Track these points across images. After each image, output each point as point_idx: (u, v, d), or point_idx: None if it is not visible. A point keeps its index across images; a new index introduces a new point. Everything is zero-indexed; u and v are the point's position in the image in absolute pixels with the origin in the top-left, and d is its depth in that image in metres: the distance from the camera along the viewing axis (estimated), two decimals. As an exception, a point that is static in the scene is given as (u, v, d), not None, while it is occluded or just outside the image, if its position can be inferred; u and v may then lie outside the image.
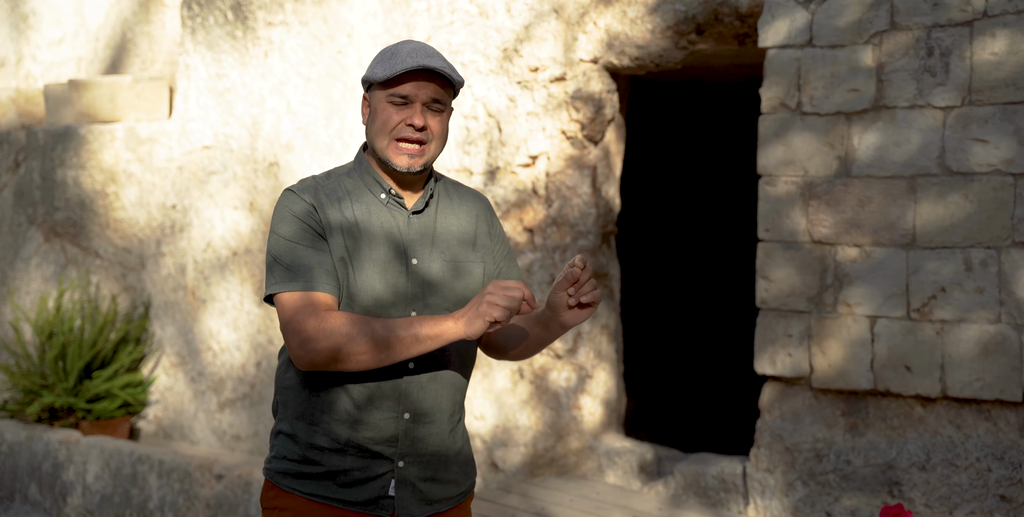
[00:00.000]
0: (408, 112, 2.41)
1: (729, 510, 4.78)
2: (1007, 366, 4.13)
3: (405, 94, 2.40)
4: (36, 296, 7.24)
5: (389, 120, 2.41)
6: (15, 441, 6.56)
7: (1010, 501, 4.18)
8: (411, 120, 2.40)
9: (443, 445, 2.48)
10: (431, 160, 2.45)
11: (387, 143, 2.42)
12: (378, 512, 2.42)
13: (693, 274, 8.47)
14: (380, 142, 2.43)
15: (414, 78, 2.40)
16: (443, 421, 2.47)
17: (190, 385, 6.68)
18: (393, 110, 2.41)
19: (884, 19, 4.36)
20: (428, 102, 2.41)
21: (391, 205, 2.47)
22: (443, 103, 2.43)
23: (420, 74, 2.40)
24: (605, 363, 5.40)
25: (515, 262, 2.65)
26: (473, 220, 2.56)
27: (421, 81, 2.40)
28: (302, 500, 2.43)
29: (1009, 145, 4.12)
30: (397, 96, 2.41)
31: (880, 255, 4.38)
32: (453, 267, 2.47)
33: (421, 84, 2.40)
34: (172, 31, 7.65)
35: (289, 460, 2.46)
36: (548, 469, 5.34)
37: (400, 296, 2.42)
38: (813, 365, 4.53)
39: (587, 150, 5.34)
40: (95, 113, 7.08)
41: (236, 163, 6.44)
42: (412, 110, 2.41)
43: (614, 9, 5.14)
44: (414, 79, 2.40)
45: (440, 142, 2.46)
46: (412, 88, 2.40)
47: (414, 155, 2.42)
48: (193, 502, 5.70)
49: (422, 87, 2.40)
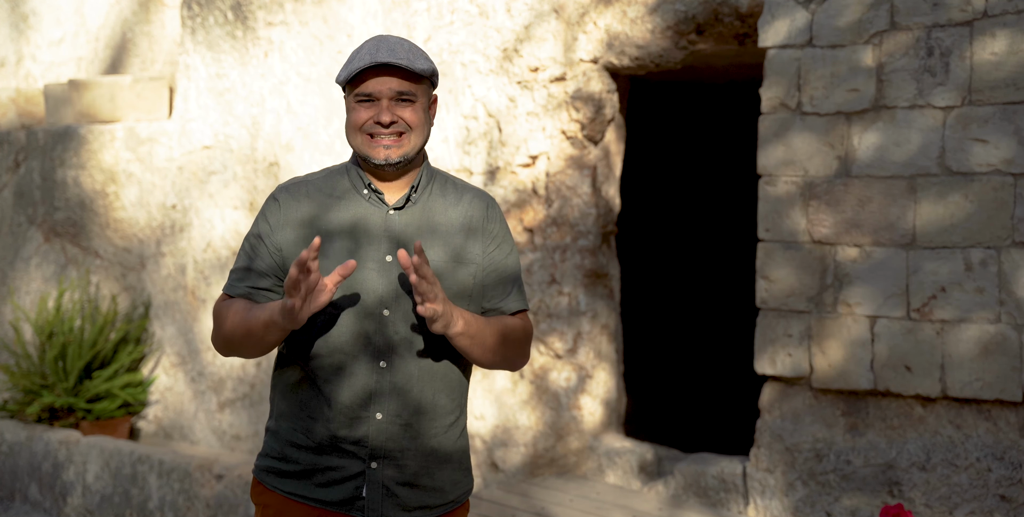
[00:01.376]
0: (375, 110, 2.40)
1: (729, 510, 4.78)
2: (1007, 366, 4.13)
3: (368, 92, 2.39)
4: (36, 296, 7.24)
5: (358, 119, 2.41)
6: (15, 441, 6.56)
7: (1010, 501, 4.18)
8: (378, 118, 2.39)
9: (426, 449, 2.43)
10: (411, 151, 2.42)
11: (360, 139, 2.42)
12: (353, 513, 2.41)
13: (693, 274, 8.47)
14: (354, 140, 2.43)
15: (374, 74, 2.38)
16: (425, 424, 2.42)
17: (190, 385, 6.68)
18: (361, 109, 2.41)
19: (884, 19, 4.36)
20: (393, 97, 2.39)
21: (372, 201, 2.45)
22: (412, 94, 2.40)
23: (379, 70, 2.38)
24: (605, 363, 5.40)
25: (513, 258, 2.55)
26: (468, 213, 2.49)
27: (382, 76, 2.38)
28: (282, 498, 2.44)
29: (1009, 145, 4.12)
30: (362, 95, 2.40)
31: (880, 255, 4.38)
32: (443, 262, 2.43)
33: (382, 79, 2.38)
34: (172, 31, 7.65)
35: (271, 457, 2.47)
36: (548, 469, 5.34)
37: (369, 293, 2.39)
38: (813, 365, 4.53)
39: (587, 150, 5.34)
40: (95, 113, 7.08)
41: (236, 163, 6.44)
42: (379, 107, 2.39)
43: (614, 9, 5.14)
44: (374, 75, 2.38)
45: (420, 132, 2.42)
46: (373, 85, 2.38)
47: (390, 146, 2.39)
48: (193, 502, 5.70)
49: (383, 82, 2.38)
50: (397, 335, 2.40)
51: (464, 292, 2.45)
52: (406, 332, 2.40)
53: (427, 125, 2.45)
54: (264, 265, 2.44)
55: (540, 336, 5.36)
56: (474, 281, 2.47)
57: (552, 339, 5.34)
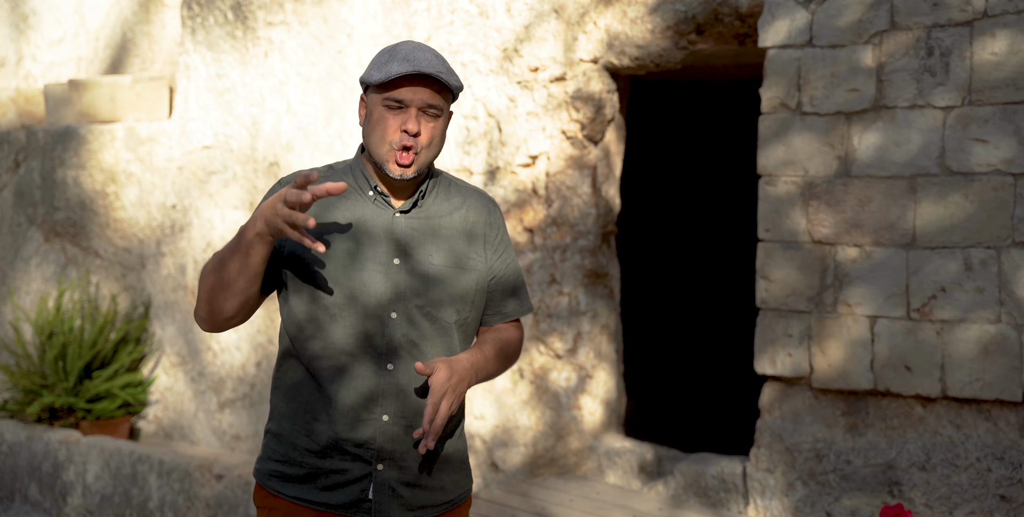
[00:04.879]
0: (404, 117, 2.38)
1: (729, 510, 4.78)
2: (1007, 366, 4.14)
3: (400, 99, 2.37)
4: (36, 296, 7.24)
5: (388, 128, 2.38)
6: (15, 441, 6.56)
7: (1010, 501, 4.18)
8: (406, 125, 2.37)
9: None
10: (422, 167, 2.41)
11: (386, 148, 2.40)
12: (359, 515, 2.41)
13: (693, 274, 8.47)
14: (379, 148, 2.41)
15: (409, 82, 2.37)
16: None
17: (190, 385, 6.68)
18: (389, 115, 2.39)
19: (884, 19, 4.36)
20: (423, 107, 2.38)
21: (379, 203, 2.45)
22: (439, 108, 2.40)
23: (416, 78, 2.37)
24: (605, 363, 5.40)
25: (514, 266, 2.59)
26: (471, 219, 2.50)
27: (416, 86, 2.37)
28: (286, 502, 2.43)
29: (1009, 145, 4.12)
30: (392, 100, 2.38)
31: (880, 255, 4.39)
32: (446, 267, 2.43)
33: (416, 89, 2.37)
34: (172, 31, 7.65)
35: (274, 461, 2.46)
36: (548, 469, 5.34)
37: (373, 295, 2.39)
38: (813, 365, 4.53)
39: (587, 150, 5.34)
40: (95, 113, 7.08)
41: (236, 163, 6.44)
42: (407, 115, 2.38)
43: (614, 9, 5.14)
44: (409, 84, 2.37)
45: (432, 149, 2.42)
46: (407, 93, 2.37)
47: (408, 164, 2.39)
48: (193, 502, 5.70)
49: (417, 92, 2.37)
50: (401, 337, 2.40)
51: (466, 297, 2.46)
52: (410, 334, 2.40)
53: (442, 141, 2.46)
54: None
55: (540, 336, 5.36)
56: (475, 287, 2.48)
57: (552, 339, 5.34)
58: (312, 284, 2.39)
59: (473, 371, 2.40)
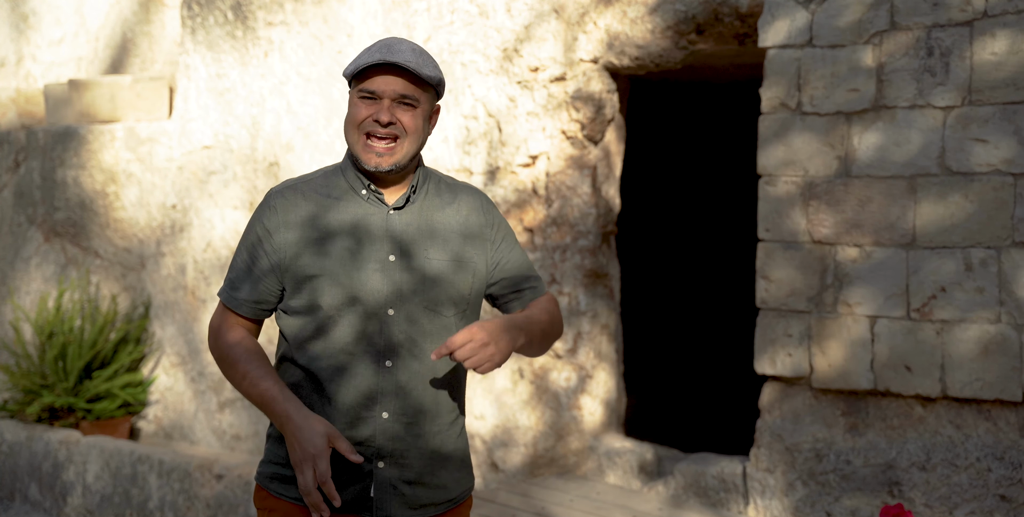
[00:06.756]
0: (375, 108, 2.39)
1: (729, 510, 4.78)
2: (1007, 366, 4.14)
3: (372, 89, 2.38)
4: (36, 296, 7.24)
5: (357, 115, 2.40)
6: (15, 441, 6.56)
7: (1010, 501, 4.18)
8: (377, 116, 2.38)
9: (428, 448, 2.44)
10: (403, 159, 2.41)
11: (357, 138, 2.41)
12: (362, 513, 2.41)
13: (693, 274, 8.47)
14: (351, 137, 2.42)
15: (380, 72, 2.38)
16: (428, 423, 2.43)
17: (190, 385, 6.68)
18: (362, 105, 2.40)
19: (884, 19, 4.36)
20: (396, 98, 2.38)
21: (372, 201, 2.45)
22: (414, 99, 2.39)
23: (386, 69, 2.38)
24: (605, 363, 5.40)
25: (519, 250, 2.59)
26: (466, 214, 2.51)
27: (388, 76, 2.37)
28: (287, 503, 2.43)
29: (1009, 145, 4.12)
30: (365, 91, 2.39)
31: (880, 255, 4.38)
32: (444, 264, 2.43)
33: (388, 79, 2.37)
34: (172, 31, 7.65)
35: (275, 464, 2.46)
36: (548, 469, 5.34)
37: (372, 293, 2.39)
38: (813, 365, 4.53)
39: (587, 150, 5.34)
40: (95, 113, 7.08)
41: (236, 163, 6.44)
42: (379, 106, 2.38)
43: (614, 9, 5.14)
44: (380, 74, 2.38)
45: (415, 139, 2.41)
46: (379, 83, 2.38)
47: (382, 154, 2.39)
48: (193, 502, 5.70)
49: (389, 82, 2.37)
50: (400, 335, 2.40)
51: (462, 297, 2.46)
52: (409, 332, 2.40)
53: (424, 133, 2.44)
54: (264, 266, 2.44)
55: (540, 336, 5.35)
56: (471, 288, 2.48)
57: (552, 339, 5.33)
58: (311, 287, 2.40)
59: (508, 326, 2.37)
